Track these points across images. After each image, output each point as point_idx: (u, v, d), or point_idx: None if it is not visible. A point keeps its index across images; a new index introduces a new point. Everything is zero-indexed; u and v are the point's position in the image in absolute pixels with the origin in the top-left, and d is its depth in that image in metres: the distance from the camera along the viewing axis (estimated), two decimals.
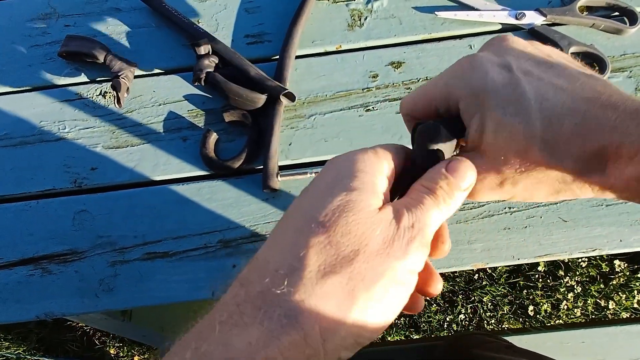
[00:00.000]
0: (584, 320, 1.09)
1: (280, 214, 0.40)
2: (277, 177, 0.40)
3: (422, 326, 1.09)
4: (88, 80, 0.46)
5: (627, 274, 1.11)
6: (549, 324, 1.08)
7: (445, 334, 1.09)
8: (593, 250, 0.38)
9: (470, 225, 0.39)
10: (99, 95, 0.45)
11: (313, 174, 0.40)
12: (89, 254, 0.40)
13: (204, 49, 0.42)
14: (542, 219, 0.39)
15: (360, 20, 0.46)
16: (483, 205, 0.40)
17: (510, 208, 0.40)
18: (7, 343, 1.06)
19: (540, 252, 0.39)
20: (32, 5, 0.48)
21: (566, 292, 1.10)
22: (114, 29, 0.47)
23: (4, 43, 0.47)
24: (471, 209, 0.40)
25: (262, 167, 0.41)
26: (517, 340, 0.64)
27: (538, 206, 0.40)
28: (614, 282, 1.11)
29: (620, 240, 0.38)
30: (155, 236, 0.40)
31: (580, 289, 1.10)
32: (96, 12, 0.47)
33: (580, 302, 1.09)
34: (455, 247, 0.39)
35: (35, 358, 1.03)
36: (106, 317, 0.47)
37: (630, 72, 0.43)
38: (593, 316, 1.09)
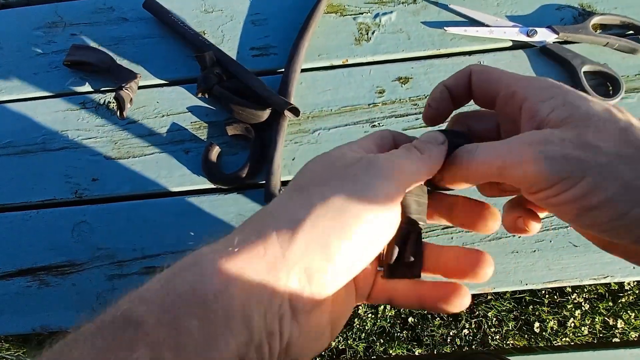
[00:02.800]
0: (591, 339, 1.07)
1: None
2: (279, 192, 0.39)
3: (424, 340, 1.07)
4: (92, 90, 0.45)
5: (637, 292, 1.08)
6: (555, 342, 1.06)
7: (448, 349, 1.07)
8: (604, 277, 0.37)
9: (477, 247, 0.38)
10: (103, 105, 0.45)
11: None
12: (87, 266, 0.40)
13: (208, 61, 0.41)
14: (551, 243, 0.38)
15: (367, 34, 0.46)
16: None
17: None
18: (8, 344, 1.06)
19: (549, 277, 0.37)
20: (39, 13, 0.48)
21: (574, 310, 1.07)
22: (120, 39, 0.47)
23: (10, 50, 0.47)
24: None
25: (264, 182, 0.40)
26: None
27: (548, 230, 0.38)
28: (623, 300, 1.08)
29: (634, 267, 0.37)
30: (154, 250, 0.40)
31: (588, 306, 1.08)
32: (103, 21, 0.47)
33: (588, 319, 1.07)
34: None
35: None
36: None
37: None
38: (601, 335, 1.07)
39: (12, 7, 0.50)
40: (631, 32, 0.44)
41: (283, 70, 0.44)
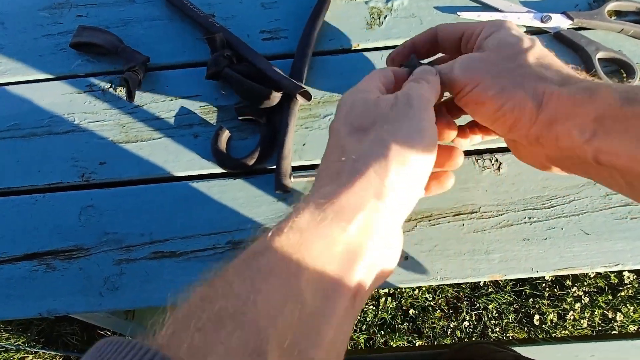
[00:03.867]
0: (590, 332, 1.07)
1: None
2: (290, 177, 0.38)
3: (425, 332, 1.08)
4: (99, 72, 0.45)
5: (636, 285, 1.09)
6: (555, 335, 1.07)
7: (448, 341, 1.07)
8: (616, 265, 0.37)
9: (488, 234, 0.38)
10: (110, 88, 0.44)
11: None
12: (95, 251, 0.39)
13: (219, 43, 0.41)
14: (563, 230, 0.38)
15: (379, 18, 0.45)
16: (502, 215, 0.38)
17: (530, 218, 0.38)
18: (7, 334, 1.06)
19: (560, 264, 0.37)
20: None
21: (573, 302, 1.08)
22: (128, 20, 0.46)
23: (15, 32, 0.46)
24: (489, 217, 0.38)
25: (274, 167, 0.39)
26: (525, 351, 0.62)
27: (559, 217, 0.38)
28: (622, 294, 1.09)
29: None
30: (163, 235, 0.39)
31: (587, 299, 1.08)
32: (110, 3, 0.46)
33: (588, 312, 1.08)
34: (472, 257, 0.37)
35: (35, 350, 1.03)
36: (109, 316, 0.46)
37: None
38: (600, 328, 1.08)
39: None
40: None
41: (294, 54, 0.43)
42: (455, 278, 0.37)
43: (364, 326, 1.08)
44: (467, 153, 0.40)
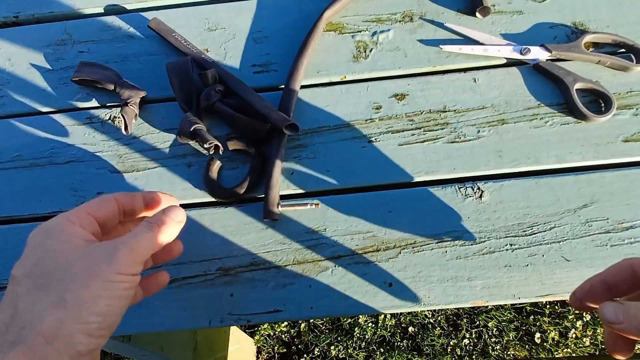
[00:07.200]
0: (593, 350, 1.06)
1: (279, 242, 0.40)
2: (277, 207, 0.40)
3: (425, 350, 1.07)
4: (99, 105, 0.47)
5: None
6: (557, 353, 1.06)
7: (448, 359, 1.07)
8: None
9: (470, 261, 0.39)
10: (109, 120, 0.46)
11: (313, 205, 0.40)
12: None
13: (210, 78, 0.43)
14: (544, 257, 0.39)
15: (365, 51, 0.47)
16: (484, 242, 0.39)
17: (511, 245, 0.39)
18: None
19: (542, 291, 0.38)
20: (49, 31, 0.50)
21: (575, 320, 1.07)
22: (126, 55, 0.48)
23: (20, 67, 0.49)
24: (471, 244, 0.39)
25: (263, 195, 0.41)
26: None
27: (540, 244, 0.39)
28: None
29: None
30: None
31: (589, 317, 1.07)
32: (109, 39, 0.49)
33: (590, 330, 1.07)
34: (455, 284, 0.38)
35: None
36: None
37: (637, 109, 0.43)
38: (603, 346, 1.06)
39: (23, 25, 0.51)
40: (622, 50, 0.45)
41: (283, 86, 0.45)
42: (439, 304, 0.38)
43: (363, 344, 1.08)
44: (450, 181, 0.42)
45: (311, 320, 1.07)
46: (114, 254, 0.24)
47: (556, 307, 1.09)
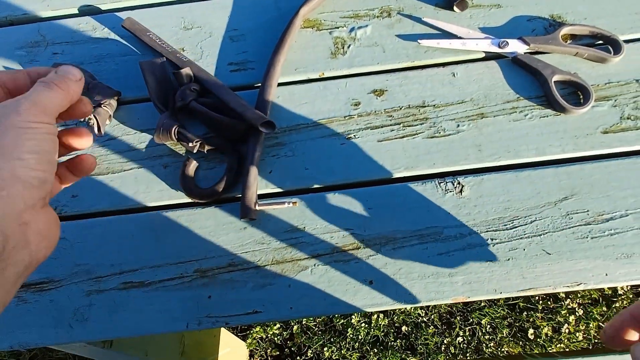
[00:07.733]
0: (586, 344, 1.06)
1: (258, 242, 0.40)
2: (254, 206, 0.39)
3: (419, 348, 1.07)
4: None
5: (631, 296, 1.08)
6: (550, 349, 1.05)
7: (442, 358, 1.06)
8: (578, 285, 0.37)
9: (451, 257, 0.38)
10: (83, 122, 0.45)
11: (290, 204, 0.39)
12: (66, 282, 0.40)
13: (185, 77, 0.42)
14: (525, 251, 0.38)
15: (343, 48, 0.47)
16: (465, 237, 0.39)
17: (492, 240, 0.39)
18: (0, 358, 1.05)
19: (523, 285, 0.38)
20: (23, 33, 0.49)
21: (567, 315, 1.07)
22: (101, 56, 0.48)
23: None
24: (452, 240, 0.39)
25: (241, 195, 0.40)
26: None
27: (521, 238, 0.39)
28: (617, 305, 1.08)
29: (606, 274, 0.37)
30: (132, 265, 0.40)
31: (582, 311, 1.07)
32: (84, 40, 0.48)
33: (582, 325, 1.07)
34: (436, 280, 0.38)
35: None
36: (85, 345, 0.46)
37: (615, 100, 0.42)
38: (596, 340, 1.06)
39: None
40: (600, 41, 0.45)
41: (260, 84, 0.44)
42: (420, 301, 0.38)
43: (357, 344, 1.07)
44: (430, 176, 0.41)
45: (304, 322, 1.07)
46: (19, 106, 0.23)
47: (549, 302, 1.09)
